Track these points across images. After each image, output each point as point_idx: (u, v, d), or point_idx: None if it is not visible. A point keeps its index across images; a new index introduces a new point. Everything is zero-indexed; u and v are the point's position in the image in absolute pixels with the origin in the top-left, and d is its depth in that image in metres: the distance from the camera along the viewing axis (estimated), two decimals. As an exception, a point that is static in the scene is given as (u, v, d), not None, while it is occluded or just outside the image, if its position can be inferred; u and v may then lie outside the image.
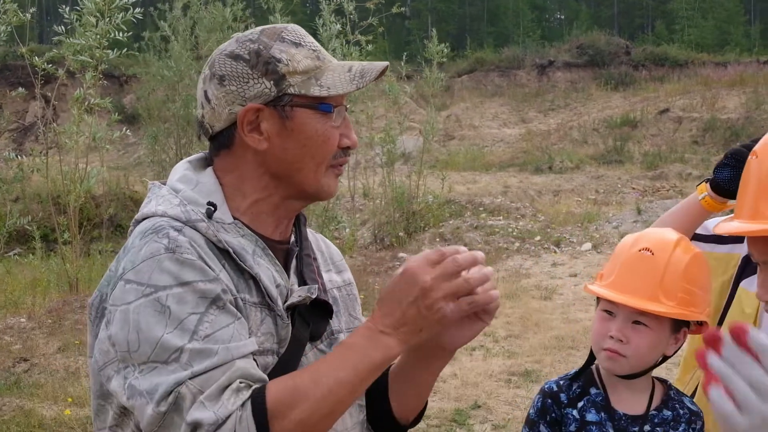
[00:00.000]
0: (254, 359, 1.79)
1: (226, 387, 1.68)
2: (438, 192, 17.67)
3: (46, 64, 11.13)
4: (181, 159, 2.06)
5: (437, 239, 15.75)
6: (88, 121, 11.57)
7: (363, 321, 2.15)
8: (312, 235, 2.16)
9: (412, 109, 30.57)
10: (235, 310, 1.78)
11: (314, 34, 16.92)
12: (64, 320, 9.64)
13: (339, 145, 1.93)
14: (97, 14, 10.94)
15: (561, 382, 2.57)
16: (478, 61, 39.50)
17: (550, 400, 2.53)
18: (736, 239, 2.97)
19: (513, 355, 9.18)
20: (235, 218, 1.91)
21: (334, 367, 1.74)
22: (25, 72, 28.79)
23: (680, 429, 2.52)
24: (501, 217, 17.07)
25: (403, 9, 15.91)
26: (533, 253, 14.97)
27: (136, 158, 28.80)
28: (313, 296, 1.93)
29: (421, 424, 7.24)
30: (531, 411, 2.55)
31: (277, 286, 1.90)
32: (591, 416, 2.50)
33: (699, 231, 2.98)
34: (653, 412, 2.52)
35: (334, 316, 2.03)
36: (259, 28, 1.95)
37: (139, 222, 1.88)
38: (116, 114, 11.99)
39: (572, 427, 2.50)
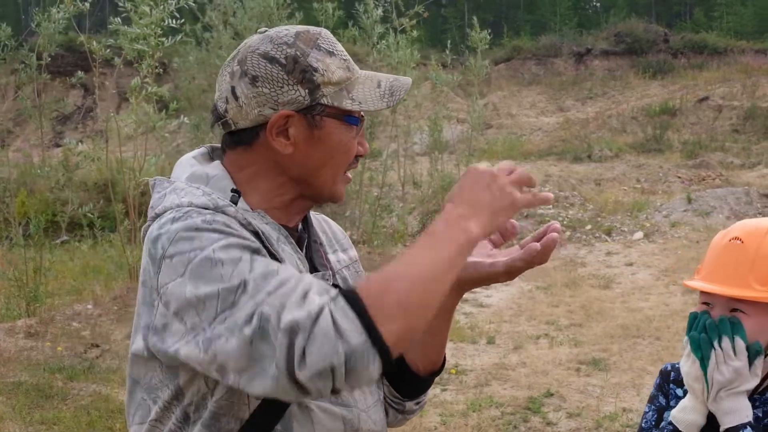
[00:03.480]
0: None
1: (308, 291, 1.64)
2: (485, 180, 17.60)
3: (104, 49, 11.20)
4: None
5: (488, 228, 15.73)
6: (146, 110, 11.61)
7: None
8: (314, 217, 2.17)
9: (449, 98, 30.53)
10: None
11: (355, 21, 16.93)
12: (130, 307, 9.69)
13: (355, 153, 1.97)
14: (151, 2, 10.98)
15: (676, 365, 2.66)
16: (515, 50, 39.29)
17: (661, 379, 2.69)
18: None
19: (579, 344, 9.16)
20: (253, 209, 1.91)
21: (421, 251, 1.70)
22: (65, 60, 28.95)
23: None
24: (550, 206, 17.01)
25: (441, -5, 15.87)
26: (585, 242, 14.94)
27: (175, 146, 28.90)
28: (330, 283, 1.94)
29: (496, 411, 7.26)
30: (653, 389, 2.70)
31: (300, 272, 1.87)
32: None
33: None
34: (756, 396, 2.52)
35: None
36: (293, 30, 1.93)
37: (158, 216, 1.84)
38: (174, 103, 12.01)
39: (672, 402, 2.60)
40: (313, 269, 1.98)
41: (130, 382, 1.92)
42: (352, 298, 1.61)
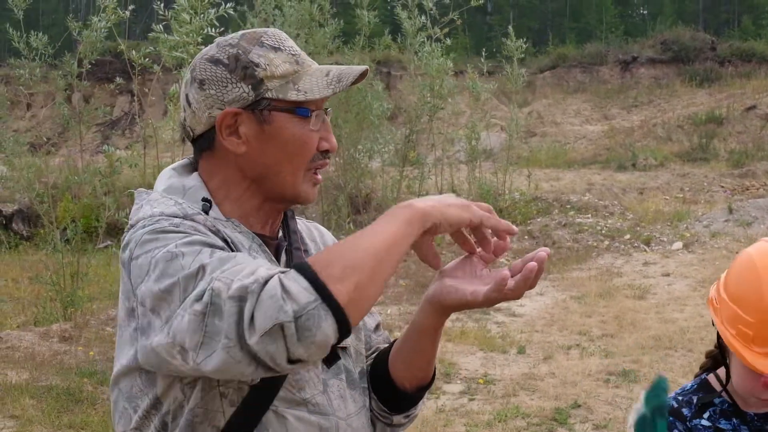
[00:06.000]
0: None
1: (260, 267, 1.65)
2: (524, 189, 17.58)
3: (143, 59, 11.31)
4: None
5: (525, 237, 15.68)
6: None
7: None
8: (304, 225, 2.19)
9: (493, 106, 30.47)
10: None
11: (398, 28, 16.98)
12: (163, 312, 9.77)
13: (318, 149, 1.95)
14: (191, 11, 11.06)
15: (679, 398, 2.55)
16: (560, 57, 39.04)
17: (672, 418, 2.51)
18: None
19: (610, 355, 9.10)
20: (228, 218, 1.93)
21: (367, 229, 1.72)
22: (113, 67, 29.34)
23: None
24: (589, 215, 16.91)
25: (480, 2, 15.84)
26: (623, 251, 14.83)
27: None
28: None
29: (522, 422, 7.24)
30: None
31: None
32: (723, 425, 2.49)
33: None
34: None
35: None
36: (240, 32, 1.97)
37: (133, 227, 1.88)
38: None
39: None
40: None
41: (114, 392, 1.95)
42: (301, 267, 1.62)
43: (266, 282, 1.58)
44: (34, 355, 8.70)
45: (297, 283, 1.58)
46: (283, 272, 1.62)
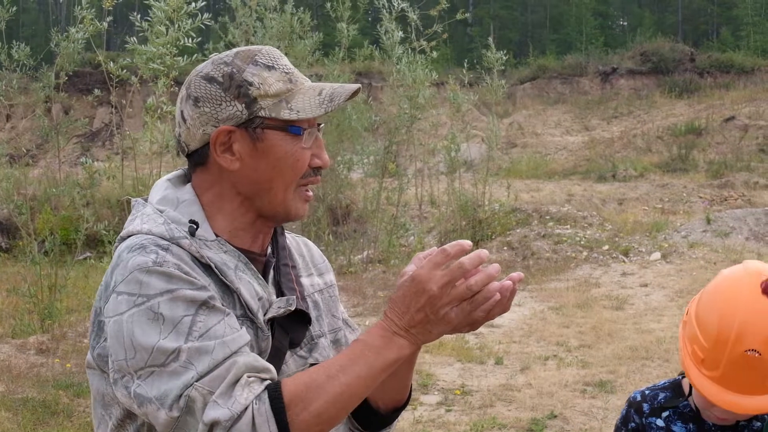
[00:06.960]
0: None
1: (235, 383, 1.76)
2: (503, 200, 17.61)
3: (120, 70, 11.29)
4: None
5: (505, 247, 15.71)
6: (160, 128, 11.70)
7: (344, 318, 2.27)
8: (293, 239, 2.24)
9: (474, 117, 30.51)
10: (223, 307, 1.86)
11: (378, 39, 17.00)
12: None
13: (310, 165, 1.99)
14: (167, 22, 11.04)
15: (647, 392, 2.66)
16: (541, 69, 39.23)
17: (632, 410, 2.64)
18: None
19: (587, 365, 9.13)
20: (217, 236, 1.97)
21: (350, 364, 1.82)
22: (94, 78, 29.27)
23: None
24: (568, 226, 16.95)
25: (466, 15, 15.91)
26: (602, 262, 14.87)
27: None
28: (292, 308, 2.00)
29: (498, 433, 7.26)
30: (618, 419, 2.68)
31: (259, 298, 1.97)
32: (677, 428, 2.56)
33: None
34: (743, 423, 2.52)
35: (315, 320, 2.11)
36: (235, 50, 2.00)
37: (124, 239, 1.94)
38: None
39: None
40: (280, 293, 2.03)
41: (92, 395, 2.00)
42: (276, 401, 1.74)
43: (239, 419, 1.72)
44: (11, 367, 8.66)
45: (266, 429, 1.73)
46: (258, 398, 1.75)
